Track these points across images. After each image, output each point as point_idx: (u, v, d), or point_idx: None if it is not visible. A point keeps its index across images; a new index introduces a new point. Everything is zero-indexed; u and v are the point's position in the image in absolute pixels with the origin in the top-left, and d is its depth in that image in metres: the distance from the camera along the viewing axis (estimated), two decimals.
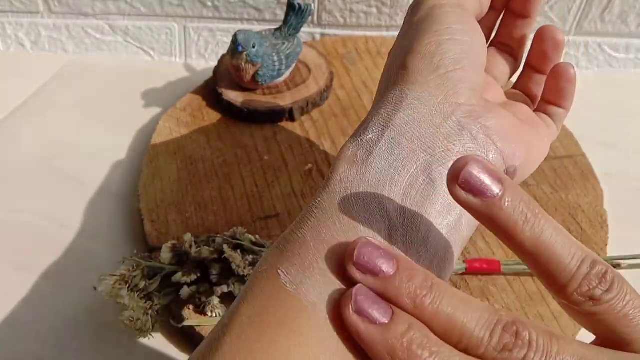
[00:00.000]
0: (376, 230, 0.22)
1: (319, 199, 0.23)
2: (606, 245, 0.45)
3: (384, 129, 0.25)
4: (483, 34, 0.29)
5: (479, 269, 0.43)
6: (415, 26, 0.28)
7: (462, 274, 0.43)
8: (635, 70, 0.64)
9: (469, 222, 0.24)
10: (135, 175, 0.53)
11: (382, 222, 0.22)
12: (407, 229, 0.23)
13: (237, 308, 0.22)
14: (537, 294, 0.42)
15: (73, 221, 0.49)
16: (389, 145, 0.24)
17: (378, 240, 0.22)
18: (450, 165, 0.20)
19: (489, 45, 0.36)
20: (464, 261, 0.43)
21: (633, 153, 0.55)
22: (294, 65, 0.56)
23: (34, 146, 0.56)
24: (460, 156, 0.21)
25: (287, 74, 0.56)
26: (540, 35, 0.33)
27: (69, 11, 0.64)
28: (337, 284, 0.21)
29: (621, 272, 0.43)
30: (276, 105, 0.54)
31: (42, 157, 0.54)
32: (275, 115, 0.54)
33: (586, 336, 0.22)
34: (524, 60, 0.35)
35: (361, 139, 0.25)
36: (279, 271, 0.22)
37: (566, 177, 0.50)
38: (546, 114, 0.32)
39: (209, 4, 0.63)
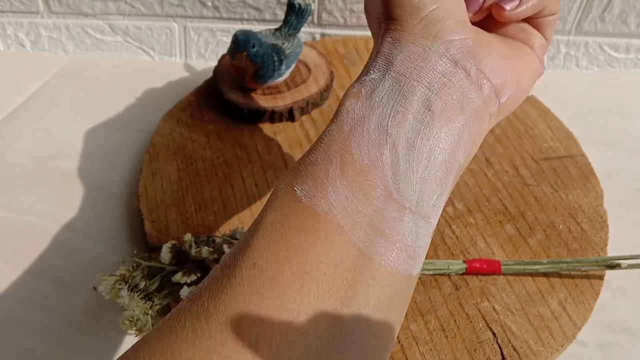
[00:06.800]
0: (380, 153, 0.25)
1: (328, 128, 0.27)
2: (606, 245, 0.45)
3: (384, 69, 0.27)
4: None
5: (479, 269, 0.43)
6: None
7: (462, 274, 0.43)
8: (635, 70, 0.64)
9: (465, 150, 0.27)
10: (135, 175, 0.53)
11: (386, 146, 0.25)
12: (409, 152, 0.25)
13: (261, 217, 0.26)
14: (537, 294, 0.42)
15: (73, 221, 0.49)
16: (391, 82, 0.26)
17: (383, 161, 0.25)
18: (444, 96, 0.26)
19: None
20: (464, 261, 0.43)
21: (633, 153, 0.55)
22: (294, 65, 0.56)
23: (34, 146, 0.56)
24: (455, 89, 0.26)
25: (287, 74, 0.55)
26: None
27: (69, 11, 0.64)
28: (345, 196, 0.25)
29: (621, 272, 0.43)
30: (276, 105, 0.54)
31: (42, 157, 0.54)
32: (275, 115, 0.54)
33: (587, 335, 0.22)
34: None
35: (364, 79, 0.27)
36: (295, 187, 0.25)
37: (566, 177, 0.50)
38: (534, 26, 0.31)
39: (209, 4, 0.63)
